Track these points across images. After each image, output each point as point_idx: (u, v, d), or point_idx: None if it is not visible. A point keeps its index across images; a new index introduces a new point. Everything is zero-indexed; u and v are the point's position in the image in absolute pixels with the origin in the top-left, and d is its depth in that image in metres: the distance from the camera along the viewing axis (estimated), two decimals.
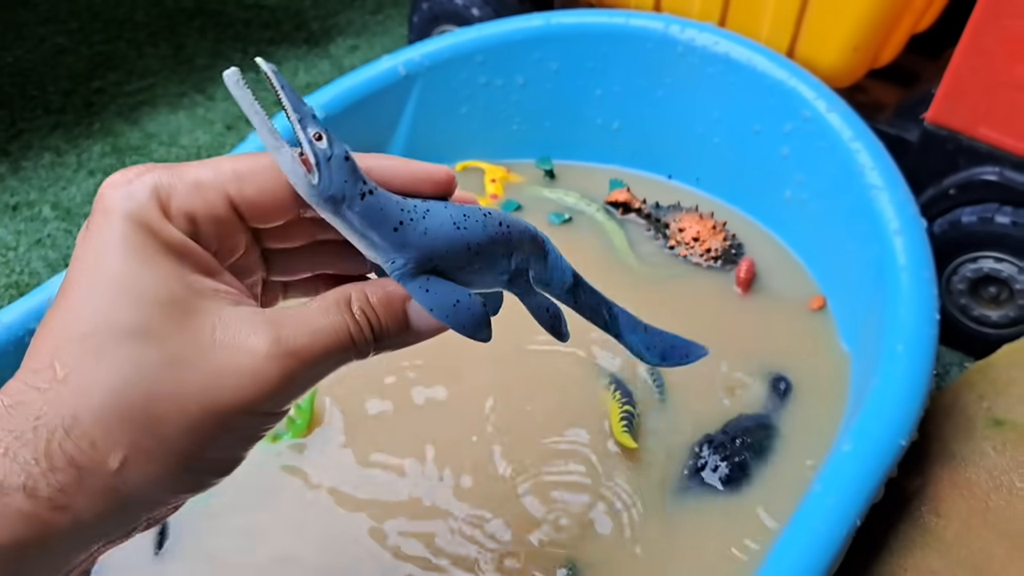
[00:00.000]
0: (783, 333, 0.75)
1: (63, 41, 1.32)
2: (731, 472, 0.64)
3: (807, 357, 0.73)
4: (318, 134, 0.27)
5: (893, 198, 0.71)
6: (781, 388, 0.71)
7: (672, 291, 0.79)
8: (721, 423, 0.68)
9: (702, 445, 0.65)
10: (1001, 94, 0.91)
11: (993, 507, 0.63)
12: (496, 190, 0.89)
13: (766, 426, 0.67)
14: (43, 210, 1.14)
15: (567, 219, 0.86)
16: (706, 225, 0.83)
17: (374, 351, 0.30)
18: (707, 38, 0.84)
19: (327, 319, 0.28)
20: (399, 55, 0.88)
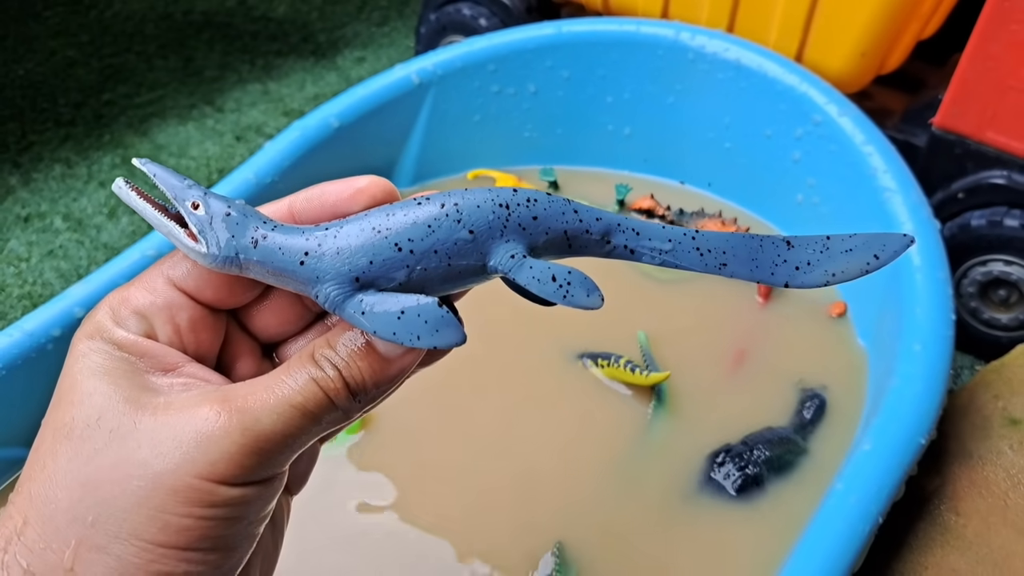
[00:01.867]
0: (808, 343, 0.75)
1: (73, 54, 1.33)
2: (743, 483, 0.64)
3: (841, 374, 0.72)
4: (195, 203, 0.26)
5: (906, 200, 0.72)
6: (811, 406, 0.69)
7: (692, 299, 0.79)
8: (744, 433, 0.67)
9: (720, 453, 0.66)
10: (1008, 98, 0.92)
11: (1012, 505, 0.63)
12: None
13: (788, 441, 0.67)
14: (55, 221, 1.15)
15: None
16: (726, 231, 0.82)
17: (359, 400, 0.27)
18: (718, 44, 0.84)
19: (289, 378, 0.26)
20: (412, 64, 0.88)
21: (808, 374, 0.72)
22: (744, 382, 0.72)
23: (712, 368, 0.73)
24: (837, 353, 0.74)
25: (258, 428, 0.25)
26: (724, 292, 0.79)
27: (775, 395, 0.71)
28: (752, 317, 0.77)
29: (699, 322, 0.77)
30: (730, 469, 0.64)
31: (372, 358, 0.27)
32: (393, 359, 0.27)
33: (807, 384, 0.71)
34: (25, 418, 0.67)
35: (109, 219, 1.15)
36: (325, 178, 0.92)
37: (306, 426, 0.26)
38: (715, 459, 0.65)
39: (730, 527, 0.62)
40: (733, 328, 0.76)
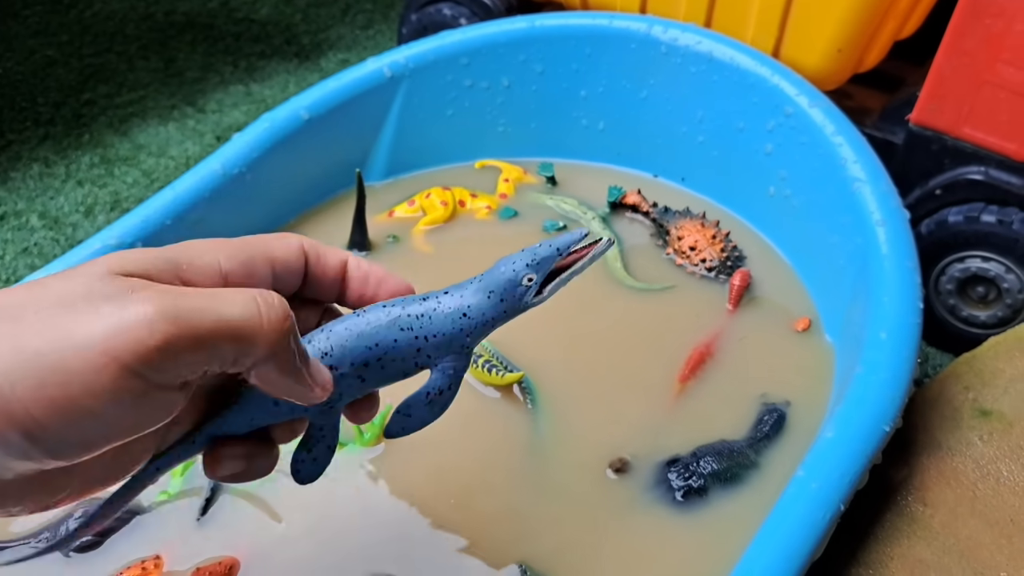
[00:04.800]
0: (772, 355, 0.73)
1: (53, 53, 1.33)
2: (686, 494, 0.62)
3: (804, 389, 0.70)
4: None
5: (875, 190, 0.71)
6: (769, 420, 0.68)
7: (660, 305, 0.78)
8: (696, 445, 0.65)
9: (670, 464, 0.64)
10: (984, 93, 0.91)
11: (980, 496, 0.62)
12: (507, 190, 0.89)
13: (739, 455, 0.65)
14: (31, 219, 1.14)
15: (562, 227, 0.85)
16: (705, 234, 0.81)
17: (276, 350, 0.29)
18: (690, 38, 0.84)
19: (234, 293, 0.29)
20: (384, 57, 0.88)
21: (770, 386, 0.70)
22: (703, 392, 0.70)
23: (664, 376, 0.71)
24: (802, 367, 0.72)
25: (183, 319, 0.26)
26: (694, 298, 0.78)
27: (735, 407, 0.69)
28: (718, 323, 0.76)
29: (663, 329, 0.75)
30: (674, 479, 0.63)
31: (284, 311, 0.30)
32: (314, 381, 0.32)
33: (769, 398, 0.69)
34: None
35: (85, 217, 1.14)
36: (294, 171, 0.92)
37: (223, 341, 0.27)
38: (665, 469, 0.64)
39: (670, 537, 0.60)
40: (695, 335, 0.74)
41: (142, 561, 0.54)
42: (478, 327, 0.36)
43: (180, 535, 0.57)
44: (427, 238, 0.84)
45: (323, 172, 0.87)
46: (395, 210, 0.86)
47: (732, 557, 0.52)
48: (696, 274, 0.80)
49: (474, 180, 0.91)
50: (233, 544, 0.57)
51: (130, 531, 0.57)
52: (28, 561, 0.55)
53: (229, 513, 0.60)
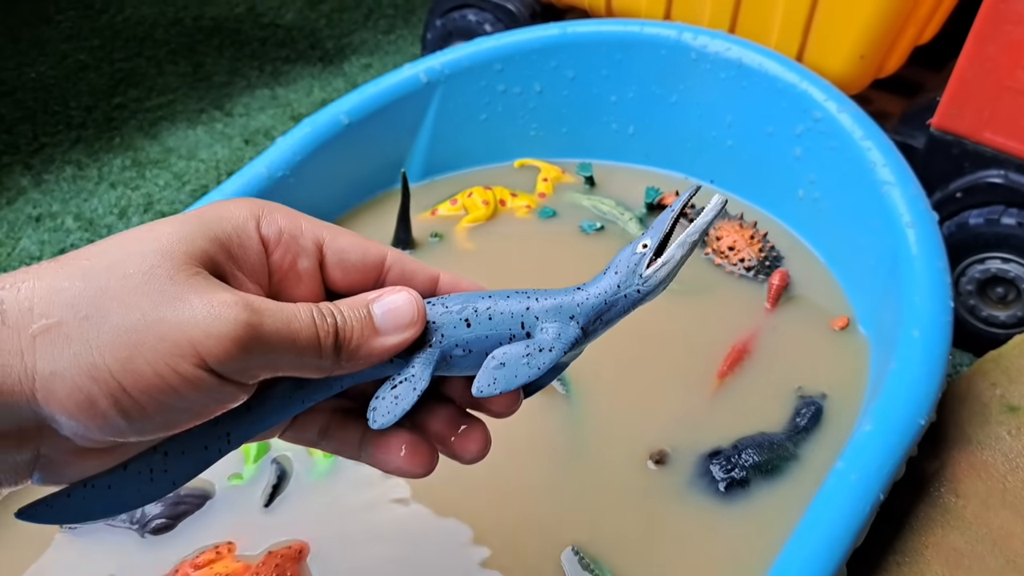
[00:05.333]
0: (810, 352, 0.75)
1: (85, 58, 1.36)
2: (728, 486, 0.65)
3: (840, 384, 0.72)
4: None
5: (905, 193, 0.73)
6: (807, 413, 0.70)
7: (698, 304, 0.80)
8: (736, 437, 0.68)
9: (712, 456, 0.67)
10: (1004, 99, 0.94)
11: (1010, 487, 0.64)
12: (546, 189, 0.92)
13: (779, 447, 0.67)
14: (66, 221, 1.16)
15: (599, 228, 0.87)
16: (744, 234, 0.83)
17: (342, 356, 0.32)
18: (719, 44, 0.86)
19: (297, 309, 0.31)
20: (420, 63, 0.90)
21: (807, 382, 0.72)
22: (742, 387, 0.73)
23: (703, 372, 0.73)
24: (838, 363, 0.74)
25: (257, 327, 0.29)
26: (732, 298, 0.80)
27: (772, 400, 0.71)
28: (756, 322, 0.78)
29: (697, 325, 0.77)
30: (717, 472, 0.65)
31: (367, 324, 0.33)
32: (383, 334, 0.33)
33: (806, 392, 0.72)
34: None
35: (120, 219, 1.17)
36: (335, 173, 0.95)
37: (291, 349, 0.30)
38: (708, 461, 0.66)
39: (715, 526, 0.62)
40: (734, 333, 0.76)
41: (216, 546, 0.57)
42: (589, 299, 0.35)
43: (250, 520, 0.60)
44: (469, 236, 0.86)
45: (363, 174, 0.89)
46: (438, 208, 0.89)
47: (775, 546, 0.54)
48: (735, 274, 0.82)
49: (514, 179, 0.93)
50: (301, 530, 0.60)
51: (202, 515, 0.60)
52: (108, 542, 0.57)
53: (296, 501, 0.62)
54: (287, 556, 0.56)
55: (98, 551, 0.58)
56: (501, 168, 0.95)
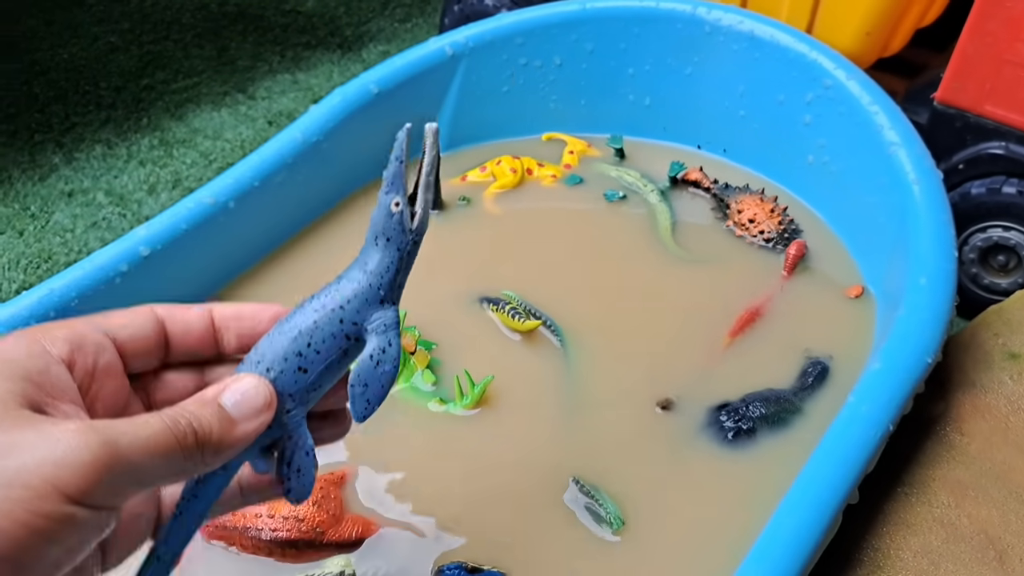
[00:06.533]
0: (820, 316, 0.78)
1: (115, 40, 1.40)
2: (736, 435, 0.68)
3: (848, 345, 0.75)
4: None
5: (910, 152, 0.77)
6: (813, 371, 0.73)
7: (715, 271, 0.83)
8: (744, 392, 0.71)
9: (720, 408, 0.70)
10: (1005, 72, 0.97)
11: (1012, 427, 0.68)
12: (572, 161, 0.95)
13: (786, 401, 0.71)
14: (97, 196, 1.20)
15: (622, 196, 0.91)
16: (764, 208, 0.86)
17: (205, 452, 0.31)
18: (732, 18, 0.90)
19: (148, 419, 0.30)
20: (445, 37, 0.94)
21: (816, 344, 0.75)
22: (752, 347, 0.76)
23: (715, 331, 0.77)
24: (848, 328, 0.77)
25: (112, 445, 0.27)
26: (748, 266, 0.84)
27: (781, 360, 0.74)
28: (770, 288, 0.81)
29: (713, 290, 0.81)
30: (726, 421, 0.69)
31: (223, 417, 0.32)
32: (240, 423, 0.32)
33: (813, 353, 0.75)
34: None
35: (149, 195, 1.21)
36: (364, 139, 0.99)
37: (153, 459, 0.29)
38: (716, 412, 0.70)
39: (721, 470, 0.66)
40: (748, 298, 0.80)
41: None
42: (382, 274, 0.36)
43: None
44: (496, 201, 0.90)
45: (390, 141, 0.93)
46: (468, 175, 0.93)
47: (780, 489, 0.57)
48: (754, 245, 0.85)
49: (541, 152, 0.97)
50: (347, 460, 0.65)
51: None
52: None
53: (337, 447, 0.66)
54: (331, 480, 0.60)
55: None
56: (529, 141, 0.99)
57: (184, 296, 0.78)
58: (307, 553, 0.57)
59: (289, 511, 0.57)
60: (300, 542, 0.57)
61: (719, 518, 0.62)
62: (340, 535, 0.58)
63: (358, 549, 0.59)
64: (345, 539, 0.58)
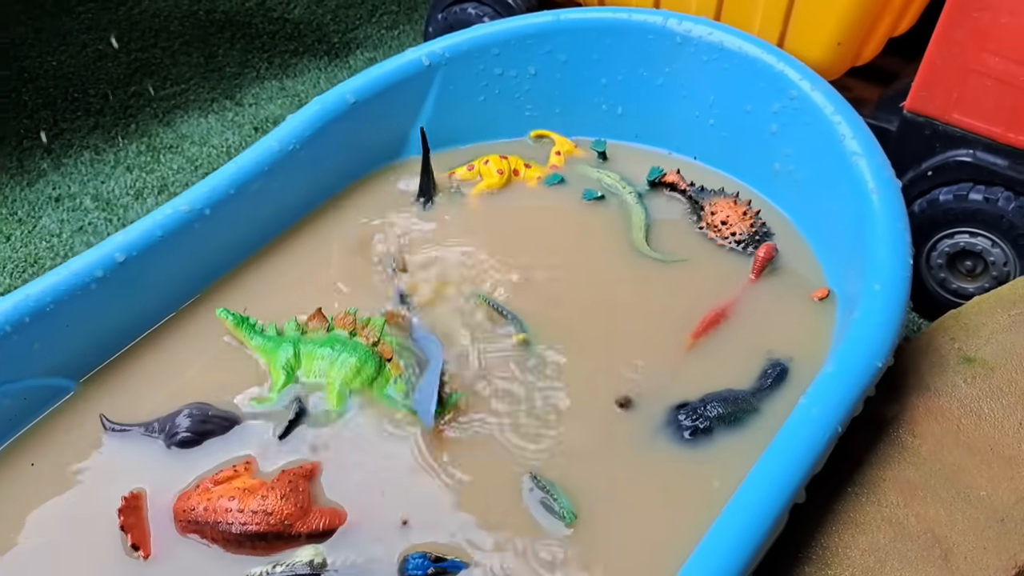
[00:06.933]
0: (784, 318, 0.80)
1: (103, 48, 1.42)
2: (693, 433, 0.70)
3: (809, 347, 0.76)
4: None
5: (871, 162, 0.79)
6: (772, 372, 0.75)
7: (683, 272, 0.85)
8: (704, 392, 0.73)
9: (679, 407, 0.72)
10: (971, 82, 0.99)
11: (964, 429, 0.70)
12: (559, 161, 0.98)
13: (743, 401, 0.72)
14: (84, 201, 1.22)
15: (599, 197, 0.93)
16: (737, 211, 0.88)
17: None
18: (702, 29, 0.92)
19: None
20: (423, 48, 0.96)
21: (778, 346, 0.77)
22: (715, 348, 0.78)
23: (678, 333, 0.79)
24: (809, 330, 0.78)
25: None
26: (717, 268, 0.85)
27: (742, 361, 0.76)
28: (737, 291, 0.82)
29: (680, 291, 0.83)
30: (684, 420, 0.71)
31: None
32: None
33: (775, 354, 0.76)
34: (68, 352, 0.74)
35: (136, 200, 1.22)
36: (342, 147, 1.02)
37: None
38: (676, 411, 0.72)
39: (678, 468, 0.68)
40: (715, 300, 0.81)
41: (234, 465, 0.63)
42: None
43: (270, 446, 0.67)
44: (481, 199, 0.94)
45: (367, 149, 0.95)
46: (455, 172, 0.95)
47: (734, 487, 0.59)
48: (725, 247, 0.87)
49: (530, 152, 0.99)
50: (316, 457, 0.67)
51: (227, 437, 0.67)
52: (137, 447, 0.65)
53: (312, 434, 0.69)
54: (299, 474, 0.62)
55: (129, 459, 0.64)
56: (517, 141, 1.01)
57: (160, 302, 0.80)
58: (277, 545, 0.60)
59: (258, 505, 0.59)
60: (269, 535, 0.59)
61: (673, 514, 0.64)
62: (308, 526, 0.60)
63: (327, 540, 0.61)
64: (314, 530, 0.61)
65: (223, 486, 0.60)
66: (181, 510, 0.61)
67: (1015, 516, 0.64)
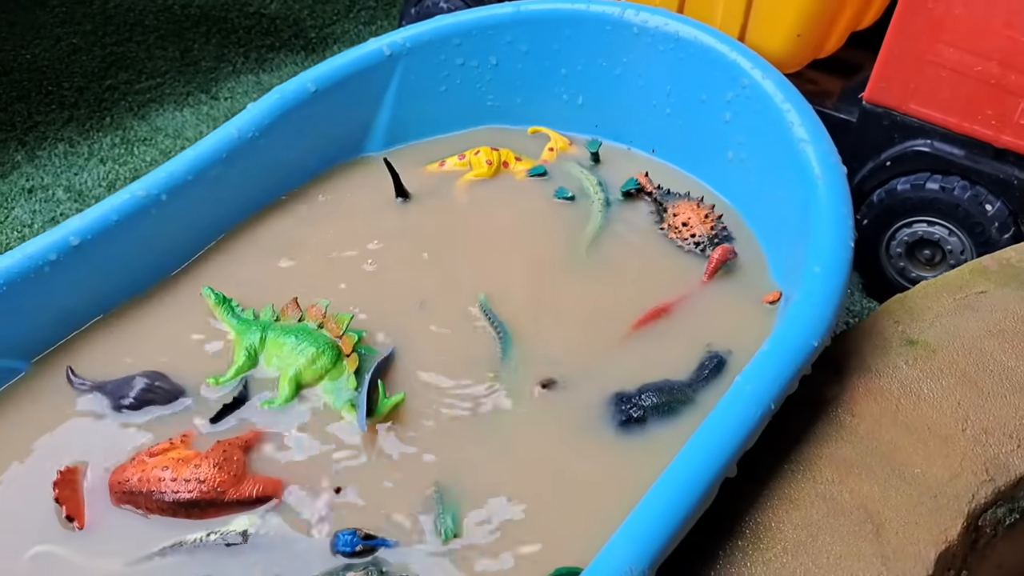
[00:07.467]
0: (728, 319, 0.81)
1: (78, 41, 1.43)
2: (627, 422, 0.71)
3: (748, 341, 0.76)
4: None
5: (817, 149, 0.80)
6: (709, 364, 0.76)
7: (638, 270, 0.87)
8: (642, 383, 0.74)
9: (616, 396, 0.73)
10: (928, 72, 1.00)
11: (902, 409, 0.71)
12: (550, 157, 0.99)
13: (679, 392, 0.74)
14: (56, 192, 1.23)
15: (570, 196, 0.94)
16: (699, 213, 0.89)
17: None
18: (659, 20, 0.93)
19: None
20: (384, 38, 0.97)
21: (718, 340, 0.78)
22: (657, 342, 0.79)
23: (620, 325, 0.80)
24: (751, 327, 0.79)
25: None
26: (676, 269, 0.87)
27: (682, 354, 0.77)
28: (687, 289, 0.84)
29: (629, 287, 0.84)
30: (618, 410, 0.72)
31: None
32: None
33: (714, 347, 0.77)
34: (20, 333, 0.75)
35: (108, 191, 1.23)
36: (303, 136, 1.03)
37: None
38: (613, 402, 0.73)
39: (612, 456, 0.69)
40: (663, 297, 0.83)
41: (170, 439, 0.64)
42: None
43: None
44: (467, 189, 0.95)
45: (330, 138, 0.96)
46: (446, 161, 0.97)
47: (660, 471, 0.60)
48: (684, 248, 0.88)
49: (525, 144, 1.01)
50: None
51: (172, 409, 0.69)
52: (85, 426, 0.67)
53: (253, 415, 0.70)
54: (234, 444, 0.64)
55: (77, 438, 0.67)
56: (514, 132, 1.02)
57: (116, 286, 0.81)
58: (210, 512, 0.61)
59: (191, 473, 0.61)
60: (202, 502, 0.61)
61: (603, 500, 0.65)
62: (241, 494, 0.62)
63: (262, 508, 0.63)
64: (246, 498, 0.62)
65: (157, 458, 0.62)
66: (116, 482, 0.63)
67: (948, 493, 0.65)
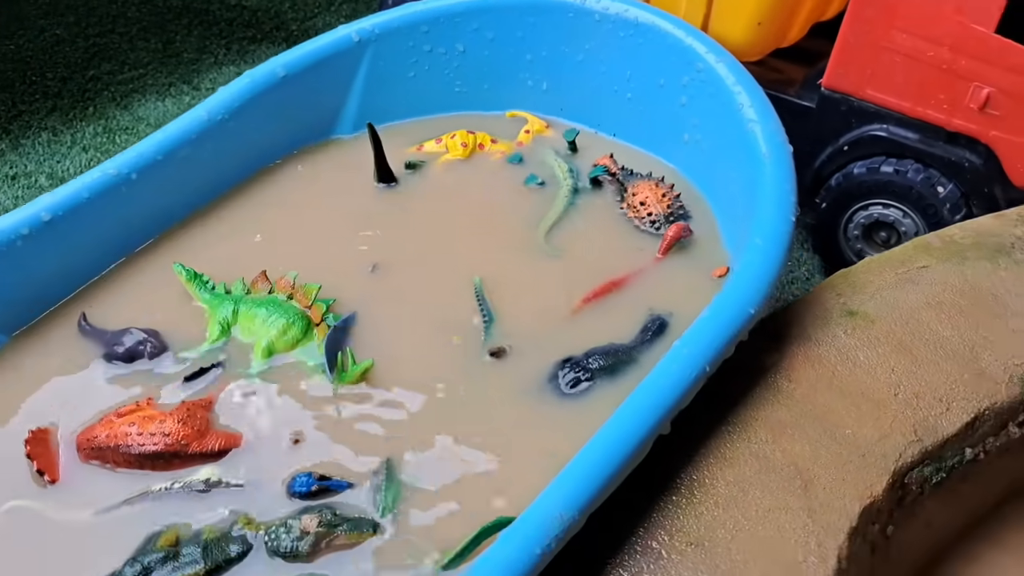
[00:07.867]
0: (676, 290, 0.84)
1: (61, 32, 1.46)
2: (575, 384, 0.74)
3: (691, 305, 0.79)
4: None
5: (765, 129, 0.83)
6: (651, 326, 0.79)
7: (592, 249, 0.90)
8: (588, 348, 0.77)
9: (564, 362, 0.76)
10: (883, 58, 1.03)
11: (838, 375, 0.74)
12: (526, 139, 1.02)
13: (623, 353, 0.77)
14: (39, 179, 1.26)
15: (540, 183, 0.96)
16: (657, 192, 0.91)
17: None
18: (619, 7, 0.96)
19: None
20: (353, 24, 1.00)
21: (660, 304, 0.82)
22: (606, 312, 0.82)
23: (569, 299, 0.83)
24: (697, 295, 0.81)
25: None
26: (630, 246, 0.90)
27: (626, 320, 0.81)
28: (639, 265, 0.87)
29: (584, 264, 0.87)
30: (567, 374, 0.75)
31: None
32: None
33: (656, 311, 0.81)
34: None
35: None
36: (273, 119, 1.06)
37: None
38: (561, 367, 0.76)
39: (560, 417, 0.72)
40: (616, 274, 0.85)
41: (137, 401, 0.68)
42: None
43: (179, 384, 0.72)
44: (445, 168, 0.98)
45: (299, 123, 0.99)
46: (424, 145, 1.00)
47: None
48: (640, 227, 0.90)
49: (503, 127, 1.04)
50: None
51: (154, 363, 0.74)
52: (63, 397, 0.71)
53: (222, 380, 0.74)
54: (198, 404, 0.67)
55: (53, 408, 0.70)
56: (491, 117, 1.05)
57: (88, 261, 0.84)
58: (174, 463, 0.65)
59: (156, 428, 0.64)
60: (167, 454, 0.64)
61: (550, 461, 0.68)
62: (204, 447, 0.66)
63: (223, 459, 0.66)
64: (209, 450, 0.66)
65: (125, 417, 0.65)
66: (84, 439, 0.66)
67: (876, 452, 0.68)
